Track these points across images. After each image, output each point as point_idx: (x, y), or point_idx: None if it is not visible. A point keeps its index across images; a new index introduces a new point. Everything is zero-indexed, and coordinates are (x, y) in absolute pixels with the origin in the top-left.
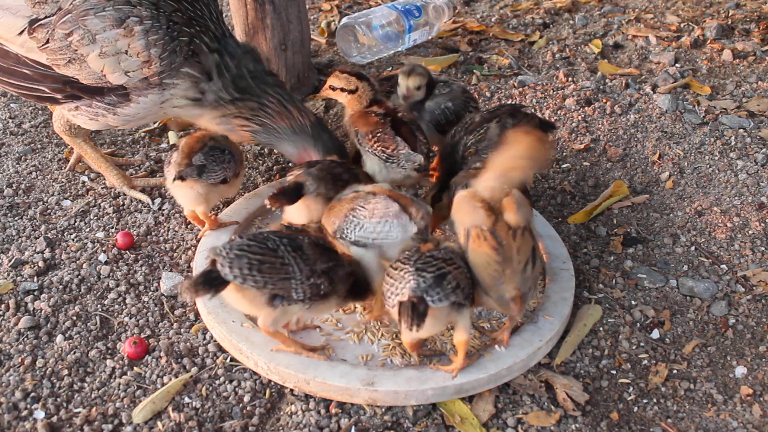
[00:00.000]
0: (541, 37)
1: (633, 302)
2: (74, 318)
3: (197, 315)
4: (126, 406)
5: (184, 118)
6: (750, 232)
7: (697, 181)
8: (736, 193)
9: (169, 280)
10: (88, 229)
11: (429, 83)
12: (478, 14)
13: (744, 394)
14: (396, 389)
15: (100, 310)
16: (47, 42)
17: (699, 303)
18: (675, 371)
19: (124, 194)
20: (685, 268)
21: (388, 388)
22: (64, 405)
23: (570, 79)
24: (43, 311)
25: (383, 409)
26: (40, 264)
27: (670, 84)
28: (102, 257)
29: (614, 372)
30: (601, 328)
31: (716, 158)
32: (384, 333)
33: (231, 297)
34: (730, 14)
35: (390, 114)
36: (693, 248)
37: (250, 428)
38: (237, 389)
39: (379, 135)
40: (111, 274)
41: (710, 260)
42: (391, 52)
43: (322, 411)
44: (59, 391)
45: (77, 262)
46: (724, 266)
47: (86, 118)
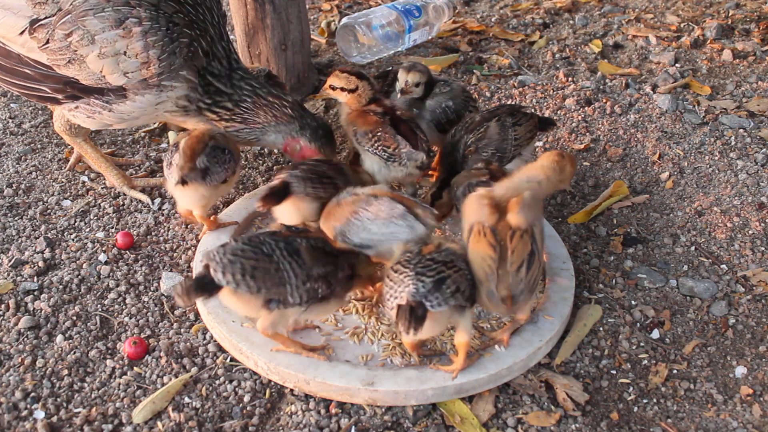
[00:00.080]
0: (541, 37)
1: (633, 302)
2: (74, 318)
3: (197, 315)
4: (126, 406)
5: (174, 122)
6: (750, 232)
7: (697, 181)
8: (736, 193)
9: (169, 280)
10: (88, 229)
11: (428, 82)
12: (478, 14)
13: (744, 394)
14: (396, 389)
15: (100, 310)
16: (47, 42)
17: (699, 303)
18: (675, 371)
19: (124, 194)
20: (685, 268)
21: (388, 388)
22: (64, 405)
23: (570, 79)
24: (43, 311)
25: (383, 409)
26: (40, 264)
27: (670, 84)
28: (102, 257)
29: (614, 372)
30: (601, 328)
31: (716, 158)
32: (384, 333)
33: (227, 300)
34: (730, 14)
35: (388, 112)
36: (693, 248)
37: (250, 428)
38: (237, 389)
39: (379, 134)
40: (111, 274)
41: (710, 260)
42: (391, 52)
43: (322, 411)
44: (59, 391)
45: (77, 262)
46: (724, 266)
47: (84, 116)
